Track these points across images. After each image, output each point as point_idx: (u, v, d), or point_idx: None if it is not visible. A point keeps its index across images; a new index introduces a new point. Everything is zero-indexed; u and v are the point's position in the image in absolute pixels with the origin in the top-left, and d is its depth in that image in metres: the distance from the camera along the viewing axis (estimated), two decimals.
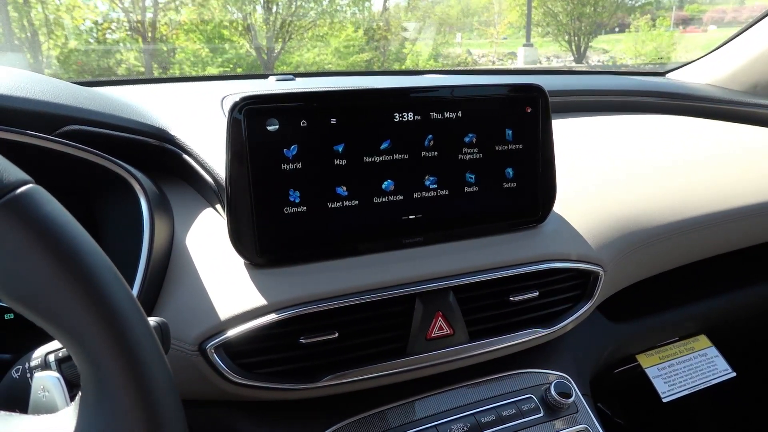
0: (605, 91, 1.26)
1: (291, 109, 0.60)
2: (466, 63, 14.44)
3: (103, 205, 0.68)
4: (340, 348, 0.64)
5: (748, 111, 1.31)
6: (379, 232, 0.65)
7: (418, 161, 0.66)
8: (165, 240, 0.64)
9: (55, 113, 0.65)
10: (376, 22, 12.00)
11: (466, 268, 0.68)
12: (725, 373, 0.98)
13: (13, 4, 8.87)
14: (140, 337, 0.32)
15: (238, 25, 10.24)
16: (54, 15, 9.04)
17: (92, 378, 0.31)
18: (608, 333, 0.92)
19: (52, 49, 9.05)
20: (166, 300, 0.61)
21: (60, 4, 9.07)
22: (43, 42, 9.10)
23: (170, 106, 0.84)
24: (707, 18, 17.27)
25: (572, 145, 1.03)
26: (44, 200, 0.31)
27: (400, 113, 0.64)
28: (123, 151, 0.69)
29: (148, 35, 9.65)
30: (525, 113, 0.71)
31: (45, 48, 9.12)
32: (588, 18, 15.37)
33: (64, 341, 0.31)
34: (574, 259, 0.74)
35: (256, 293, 0.60)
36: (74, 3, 9.14)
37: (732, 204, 0.92)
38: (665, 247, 0.86)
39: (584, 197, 0.84)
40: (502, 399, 0.72)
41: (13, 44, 8.83)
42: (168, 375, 0.33)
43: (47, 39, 9.09)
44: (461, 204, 0.69)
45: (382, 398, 0.69)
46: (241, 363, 0.60)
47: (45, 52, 9.14)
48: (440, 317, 0.67)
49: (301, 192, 0.61)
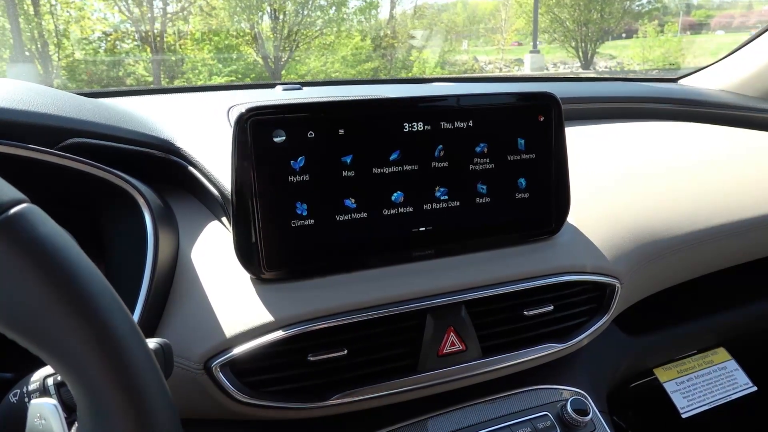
0: (617, 98, 1.24)
1: (298, 120, 0.58)
2: (472, 70, 14.46)
3: (108, 219, 0.66)
4: (350, 365, 0.62)
5: (763, 117, 1.28)
6: (388, 245, 0.63)
7: (428, 172, 0.64)
8: (169, 254, 0.63)
9: (57, 126, 0.63)
10: (383, 30, 12.05)
11: (479, 282, 0.66)
12: (746, 387, 0.95)
13: (24, 16, 8.97)
14: (139, 364, 0.30)
15: (245, 34, 10.30)
16: (64, 26, 9.13)
17: (89, 408, 0.30)
18: (624, 346, 0.89)
19: (62, 60, 9.14)
20: (170, 316, 0.60)
21: (69, 16, 9.17)
22: (53, 53, 9.19)
23: (176, 116, 0.83)
24: (715, 23, 17.20)
25: (585, 153, 1.01)
26: (39, 221, 0.30)
27: (410, 123, 0.63)
28: (127, 163, 0.68)
29: (156, 45, 9.73)
30: (537, 122, 0.69)
31: (55, 59, 9.21)
32: (595, 24, 15.35)
33: (60, 369, 0.30)
34: (590, 272, 0.72)
35: (263, 309, 0.58)
36: (83, 14, 9.24)
37: (750, 213, 0.90)
38: (683, 257, 0.83)
39: (599, 207, 0.82)
40: (517, 417, 0.70)
41: (24, 55, 8.93)
42: (169, 404, 0.31)
43: (57, 50, 9.19)
44: (473, 215, 0.67)
45: (392, 417, 0.67)
46: (248, 381, 0.58)
47: (55, 63, 9.23)
48: (452, 333, 0.65)
49: (309, 204, 0.59)
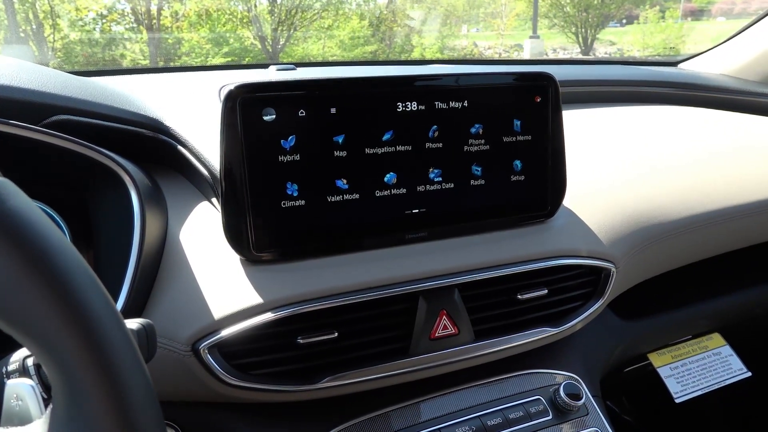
0: (616, 82, 1.23)
1: (288, 97, 0.57)
2: (472, 55, 14.35)
3: (95, 198, 0.65)
4: (340, 348, 0.61)
5: (763, 102, 1.27)
6: (380, 227, 0.62)
7: (421, 153, 0.63)
8: (157, 234, 0.62)
9: (41, 102, 0.62)
10: (382, 13, 11.93)
11: (472, 265, 0.65)
12: (740, 372, 0.95)
13: None
14: (115, 344, 0.29)
15: (242, 15, 10.19)
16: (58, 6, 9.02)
17: (62, 389, 0.29)
18: (619, 331, 0.89)
19: (57, 41, 9.04)
20: (157, 297, 0.59)
21: None
22: (48, 34, 9.08)
23: (166, 96, 0.82)
24: (716, 9, 17.07)
25: (582, 136, 0.99)
26: (10, 194, 0.29)
27: (404, 103, 0.61)
28: (116, 142, 0.67)
29: (153, 25, 9.62)
30: (534, 103, 0.68)
31: (50, 39, 9.10)
32: (595, 9, 15.23)
33: (32, 349, 0.29)
34: (585, 256, 0.71)
35: (252, 291, 0.57)
36: None
37: (747, 198, 0.89)
38: (679, 242, 0.82)
39: (595, 191, 0.81)
40: (509, 401, 0.70)
41: (18, 36, 8.82)
42: (147, 386, 0.30)
43: (53, 30, 9.08)
44: (467, 198, 0.66)
45: (384, 400, 0.67)
46: (236, 364, 0.58)
47: (50, 44, 9.13)
48: (444, 316, 0.64)
49: (300, 185, 0.58)
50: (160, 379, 0.56)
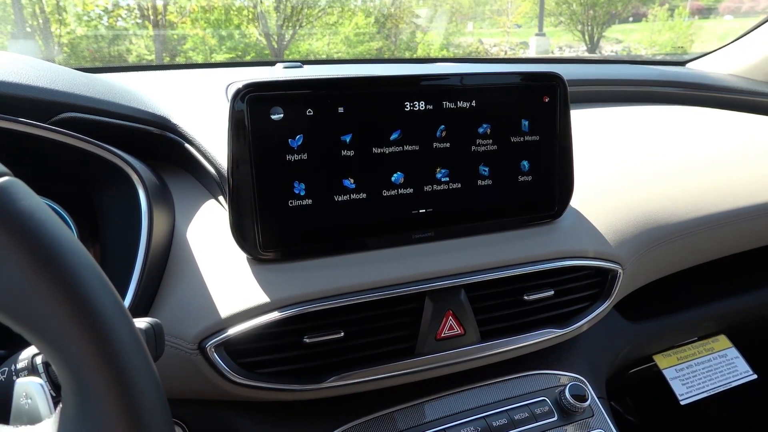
0: (624, 81, 1.22)
1: (296, 97, 0.57)
2: (477, 52, 14.31)
3: (103, 196, 0.65)
4: (346, 348, 0.61)
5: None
6: (387, 226, 0.62)
7: (429, 153, 0.62)
8: (164, 233, 0.62)
9: (50, 100, 0.62)
10: (387, 10, 11.90)
11: (479, 265, 0.65)
12: (746, 374, 0.95)
13: None
14: (125, 344, 0.29)
15: (248, 12, 10.18)
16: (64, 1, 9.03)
17: (72, 388, 0.29)
18: (625, 333, 0.88)
19: (63, 36, 9.06)
20: (164, 296, 0.59)
21: None
22: (55, 29, 9.10)
23: (173, 93, 0.82)
24: (723, 8, 16.96)
25: (589, 137, 0.99)
26: (21, 194, 0.29)
27: (411, 102, 0.61)
28: (123, 140, 0.67)
29: (158, 21, 9.63)
30: (542, 103, 0.67)
31: (57, 35, 9.12)
32: (602, 7, 15.16)
33: (42, 347, 0.29)
34: (592, 257, 0.71)
35: (259, 290, 0.57)
36: None
37: (756, 200, 0.88)
38: (686, 244, 0.82)
39: (602, 192, 0.80)
40: (515, 402, 0.69)
41: (25, 31, 8.84)
42: (156, 386, 0.30)
43: (59, 26, 9.09)
44: (474, 198, 0.65)
45: (389, 400, 0.67)
46: (243, 362, 0.58)
47: (57, 39, 9.14)
48: (451, 316, 0.64)
49: (307, 184, 0.58)
50: (167, 378, 0.56)
